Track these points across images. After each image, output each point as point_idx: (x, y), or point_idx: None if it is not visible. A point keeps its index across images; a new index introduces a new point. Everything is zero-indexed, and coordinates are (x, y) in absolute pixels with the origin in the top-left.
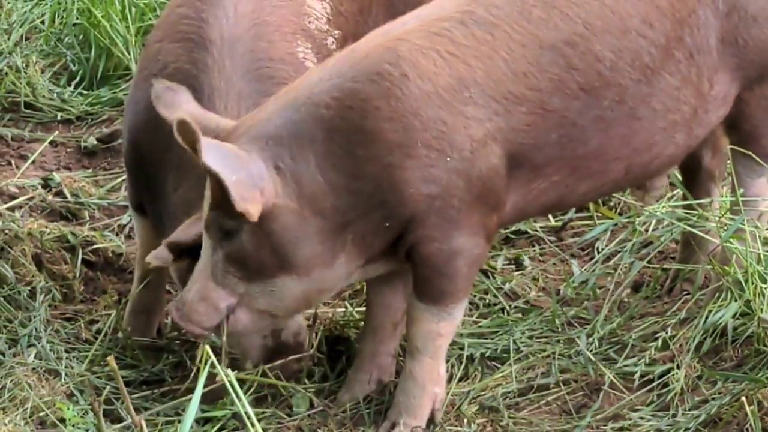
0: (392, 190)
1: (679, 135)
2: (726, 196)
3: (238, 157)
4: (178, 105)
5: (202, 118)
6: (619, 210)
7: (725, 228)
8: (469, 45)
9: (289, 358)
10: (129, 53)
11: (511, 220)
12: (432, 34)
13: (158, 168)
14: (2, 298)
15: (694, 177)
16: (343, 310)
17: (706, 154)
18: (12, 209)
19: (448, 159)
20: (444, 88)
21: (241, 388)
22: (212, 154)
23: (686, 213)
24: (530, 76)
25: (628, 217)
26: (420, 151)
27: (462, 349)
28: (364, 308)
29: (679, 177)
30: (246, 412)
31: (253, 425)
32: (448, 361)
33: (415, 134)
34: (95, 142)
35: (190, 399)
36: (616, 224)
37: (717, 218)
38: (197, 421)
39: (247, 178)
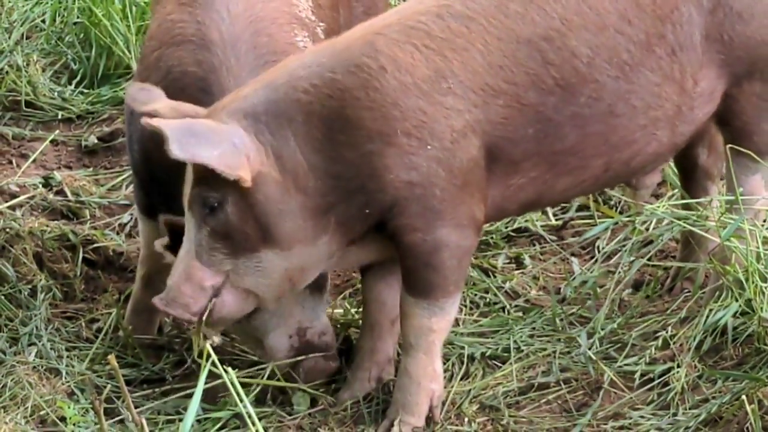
0: (372, 176)
1: (661, 132)
2: (722, 195)
3: (216, 131)
4: (153, 101)
5: (180, 108)
6: (619, 209)
7: (724, 227)
8: (445, 37)
9: (311, 355)
10: (130, 52)
11: (489, 218)
12: (409, 27)
13: (170, 174)
14: (3, 297)
15: (690, 175)
16: (342, 310)
17: (702, 153)
18: (13, 208)
19: (429, 147)
20: (422, 79)
21: (243, 387)
22: (181, 141)
23: (686, 212)
24: (506, 70)
25: (629, 216)
26: (400, 140)
27: (462, 347)
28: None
29: (677, 176)
30: (247, 412)
31: (254, 424)
32: (448, 360)
33: (395, 123)
34: (96, 141)
35: (190, 397)
36: (616, 223)
37: (716, 217)
38: (198, 419)
39: (230, 147)
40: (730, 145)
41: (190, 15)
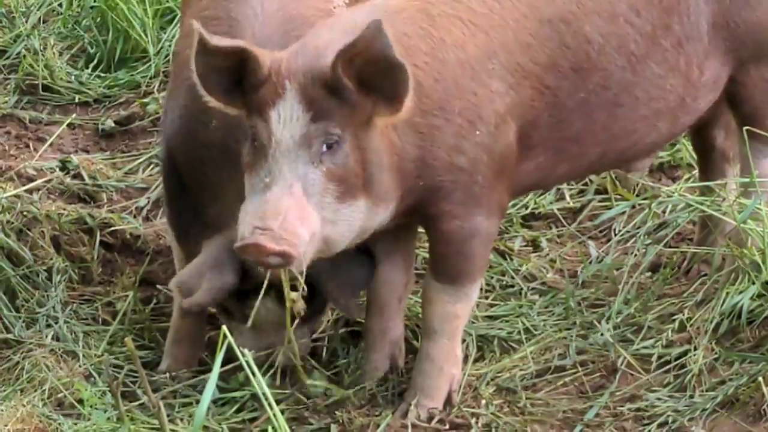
0: (431, 152)
1: (662, 123)
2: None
3: None
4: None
5: None
6: (636, 191)
7: (740, 210)
8: (485, 13)
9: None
10: (146, 36)
11: None
12: (453, 0)
13: (193, 179)
14: (21, 279)
15: (707, 158)
16: None
17: (719, 135)
18: (30, 191)
19: (477, 132)
20: (474, 57)
21: (259, 369)
22: None
23: (701, 198)
24: (532, 49)
25: (645, 198)
26: (457, 119)
27: (479, 330)
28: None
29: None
30: (263, 393)
31: (271, 407)
32: (464, 342)
33: (455, 102)
34: (113, 125)
35: (207, 380)
36: (633, 206)
37: (732, 200)
38: (215, 402)
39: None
40: (745, 128)
41: (224, 11)
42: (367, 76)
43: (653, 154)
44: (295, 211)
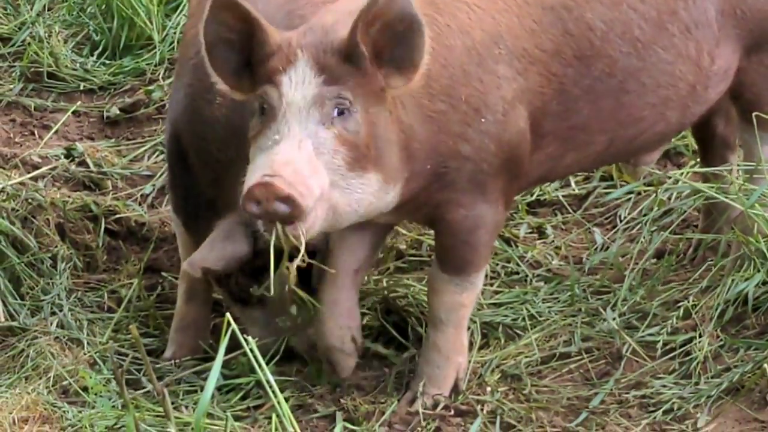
0: (437, 138)
1: (671, 112)
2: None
3: None
4: None
5: None
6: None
7: (747, 196)
8: None
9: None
10: (151, 23)
11: None
12: None
13: (198, 159)
14: (25, 267)
15: (709, 145)
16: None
17: (719, 123)
18: (35, 179)
19: (483, 120)
20: (480, 42)
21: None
22: None
23: (707, 184)
24: (537, 35)
25: (650, 184)
26: (462, 106)
27: (484, 317)
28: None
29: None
30: (268, 381)
31: (275, 395)
32: (468, 329)
33: (461, 88)
34: (118, 112)
35: (211, 367)
36: (639, 193)
37: (738, 186)
38: (219, 389)
39: None
40: (754, 114)
41: None
42: (383, 44)
43: (661, 148)
44: (306, 164)
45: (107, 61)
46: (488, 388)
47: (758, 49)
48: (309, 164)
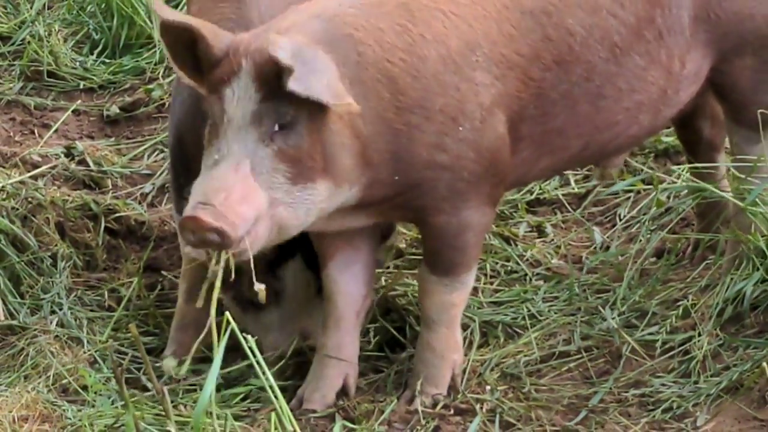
0: (407, 149)
1: (644, 116)
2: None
3: (316, 56)
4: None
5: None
6: (641, 176)
7: (741, 194)
8: (467, 3)
9: None
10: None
11: None
12: None
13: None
14: (25, 266)
15: (695, 148)
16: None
17: (705, 125)
18: (35, 178)
19: (460, 128)
20: (455, 51)
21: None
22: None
23: (704, 184)
24: (515, 41)
25: (650, 184)
26: (438, 117)
27: (484, 316)
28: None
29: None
30: (270, 385)
31: (276, 398)
32: (468, 328)
33: (435, 99)
34: (118, 111)
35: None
36: (639, 192)
37: (731, 185)
38: (219, 388)
39: (332, 75)
40: (759, 111)
41: None
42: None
43: (629, 150)
44: (240, 190)
45: (107, 60)
46: (487, 387)
47: (740, 52)
48: (243, 189)
